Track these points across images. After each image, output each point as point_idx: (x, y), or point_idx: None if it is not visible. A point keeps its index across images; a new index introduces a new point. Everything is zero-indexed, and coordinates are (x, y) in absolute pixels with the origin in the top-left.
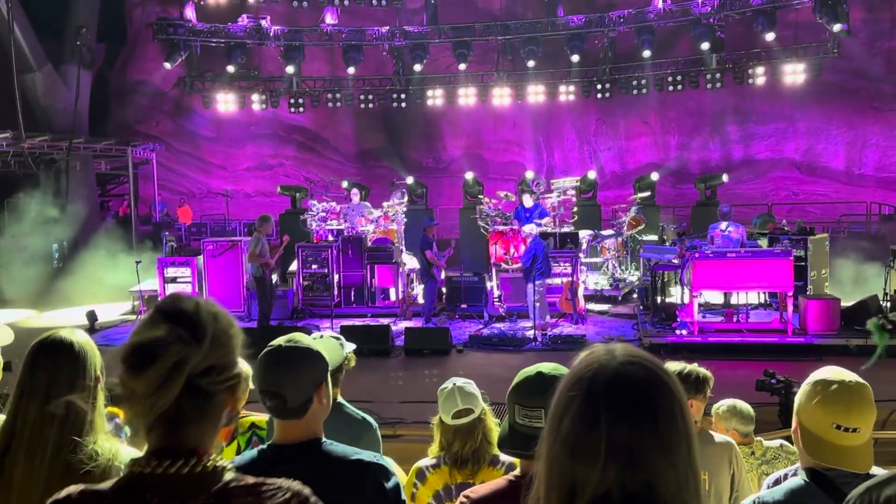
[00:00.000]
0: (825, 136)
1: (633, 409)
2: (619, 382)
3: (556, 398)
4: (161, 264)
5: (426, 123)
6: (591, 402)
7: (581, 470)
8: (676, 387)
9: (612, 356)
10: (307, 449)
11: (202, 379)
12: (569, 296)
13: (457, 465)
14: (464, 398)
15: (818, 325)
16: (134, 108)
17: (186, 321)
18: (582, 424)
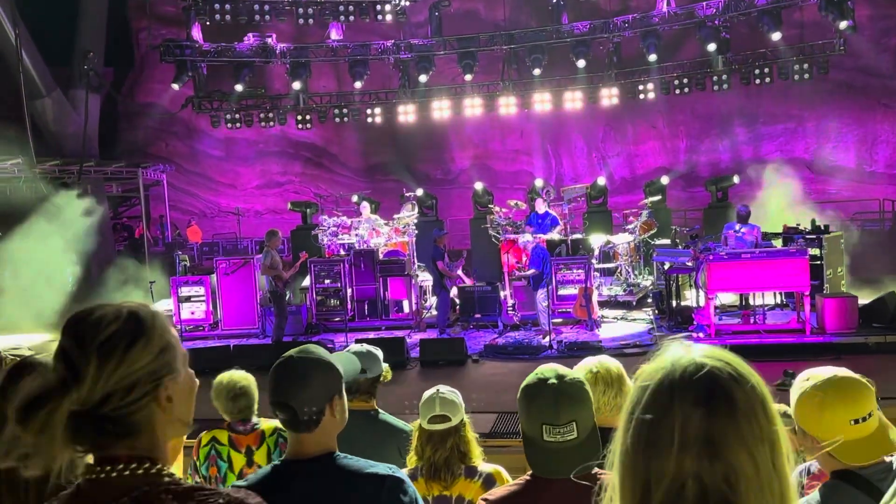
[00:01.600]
0: (835, 134)
1: (708, 396)
2: (695, 371)
3: (631, 394)
4: (175, 284)
5: (433, 135)
6: (663, 390)
7: (655, 463)
8: (761, 387)
9: (688, 350)
10: (321, 463)
11: (103, 408)
12: (583, 302)
13: (431, 476)
14: (443, 405)
15: (836, 323)
16: (143, 130)
17: (69, 355)
18: (654, 413)
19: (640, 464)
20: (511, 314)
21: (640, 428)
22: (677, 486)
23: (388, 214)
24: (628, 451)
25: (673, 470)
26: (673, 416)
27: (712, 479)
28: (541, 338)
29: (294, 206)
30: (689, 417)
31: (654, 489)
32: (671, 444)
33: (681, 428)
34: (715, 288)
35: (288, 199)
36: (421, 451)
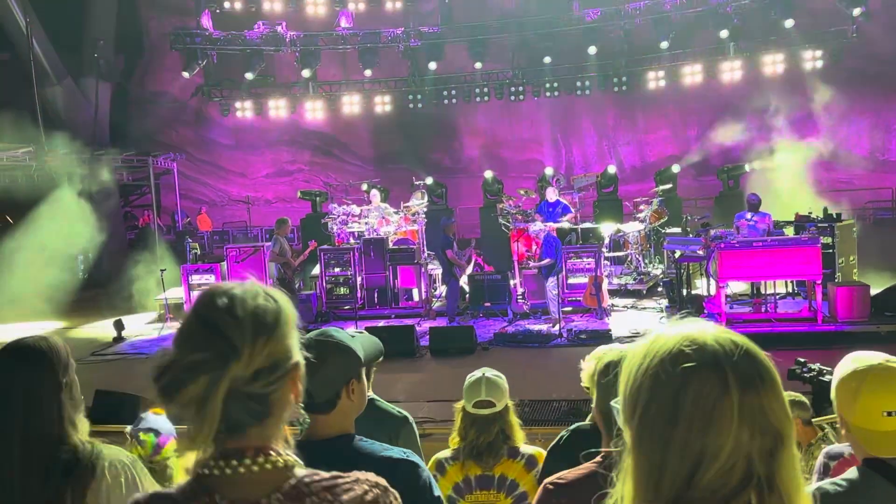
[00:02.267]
0: (847, 122)
1: (757, 372)
2: (735, 350)
3: (657, 381)
4: (185, 271)
5: (443, 124)
6: (713, 370)
7: (713, 440)
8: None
9: (703, 331)
10: (336, 445)
11: (252, 385)
12: (593, 291)
13: (473, 457)
14: (489, 390)
15: (848, 312)
16: (154, 118)
17: (223, 331)
18: (708, 393)
19: (694, 443)
20: (521, 303)
21: (695, 410)
22: (730, 463)
23: (397, 203)
24: (678, 434)
25: (731, 446)
26: (731, 395)
27: (760, 454)
28: (550, 326)
29: (304, 194)
30: (748, 393)
31: (706, 468)
32: (731, 422)
33: (740, 404)
34: (726, 276)
35: (298, 187)
36: (464, 434)
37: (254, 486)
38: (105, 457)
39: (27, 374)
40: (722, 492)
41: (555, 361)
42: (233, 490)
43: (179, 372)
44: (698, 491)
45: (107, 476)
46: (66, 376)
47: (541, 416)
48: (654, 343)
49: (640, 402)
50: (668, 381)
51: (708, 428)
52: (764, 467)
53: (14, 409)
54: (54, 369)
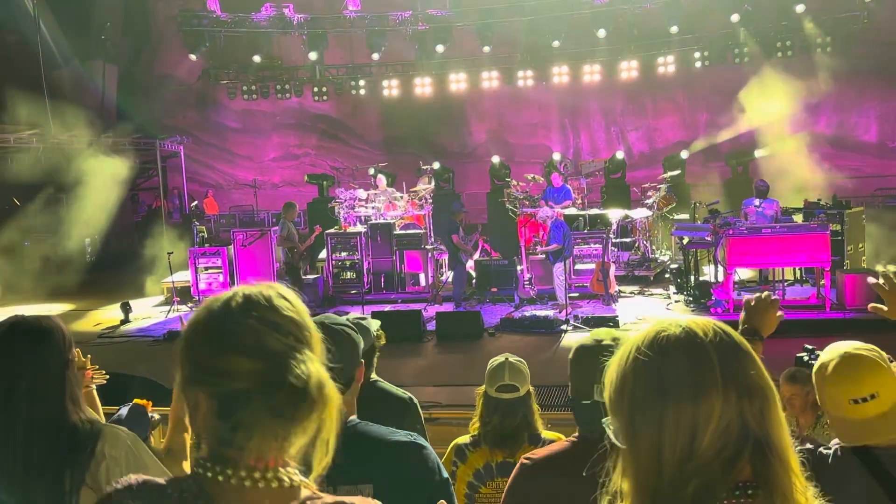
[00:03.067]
0: (857, 109)
1: (731, 340)
2: (713, 326)
3: (638, 365)
4: (192, 255)
5: (450, 108)
6: (690, 342)
7: (701, 407)
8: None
9: (673, 319)
10: (344, 429)
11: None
12: (600, 277)
13: (496, 444)
14: (512, 374)
15: (856, 299)
16: (160, 101)
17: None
18: (689, 363)
19: (685, 411)
20: (528, 288)
21: (680, 384)
22: (723, 424)
23: (404, 187)
24: (669, 409)
25: (720, 407)
26: (711, 360)
27: (751, 414)
28: (557, 312)
29: (311, 178)
30: (726, 359)
31: (703, 433)
32: (716, 383)
33: (721, 368)
34: (734, 263)
35: (304, 171)
36: (487, 419)
37: (255, 502)
38: (105, 436)
39: (33, 351)
40: (723, 454)
41: (561, 347)
42: (230, 501)
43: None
44: (700, 458)
45: (106, 455)
46: (70, 353)
47: (548, 401)
48: (629, 341)
49: (627, 390)
50: (649, 362)
51: (696, 395)
52: (757, 427)
53: (20, 387)
54: (60, 346)
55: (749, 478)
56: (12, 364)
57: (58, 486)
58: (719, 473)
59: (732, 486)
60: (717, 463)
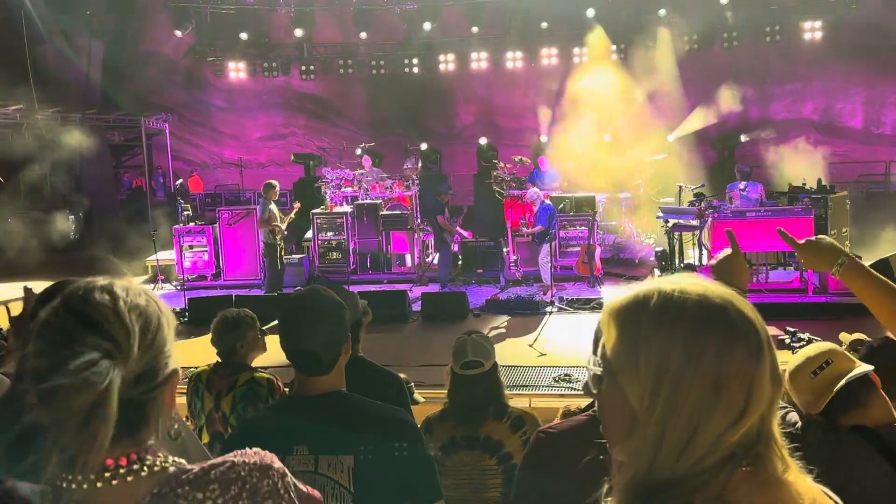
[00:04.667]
0: (843, 95)
1: (765, 329)
2: (749, 309)
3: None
4: (177, 233)
5: (439, 90)
6: (749, 334)
7: (753, 401)
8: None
9: (712, 292)
10: (329, 400)
11: (131, 392)
12: (585, 259)
13: (461, 418)
14: (475, 350)
15: (839, 283)
16: (146, 78)
17: (107, 330)
18: (749, 357)
19: (736, 404)
20: (513, 269)
21: (737, 370)
22: (758, 419)
23: (391, 168)
24: (719, 398)
25: (765, 403)
26: (763, 352)
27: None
28: (542, 293)
29: (297, 158)
30: (770, 349)
31: (741, 425)
32: (767, 378)
33: (770, 360)
34: (718, 246)
35: (291, 151)
36: (453, 395)
37: (128, 497)
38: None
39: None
40: (743, 446)
41: (546, 328)
42: (112, 499)
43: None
44: (721, 451)
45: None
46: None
47: (532, 381)
48: (666, 308)
49: (673, 369)
50: (707, 345)
51: (753, 385)
52: (769, 419)
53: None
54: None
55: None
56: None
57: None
58: (740, 444)
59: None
60: (731, 456)
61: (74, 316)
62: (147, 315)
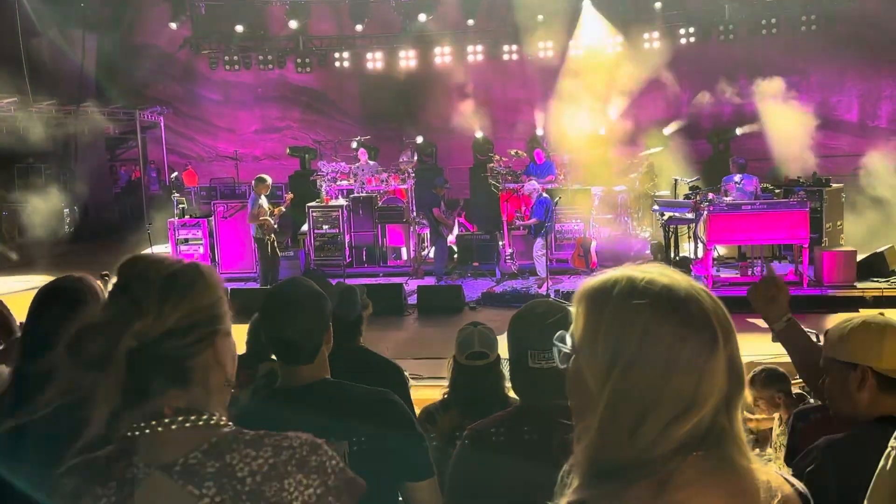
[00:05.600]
0: (839, 88)
1: (729, 322)
2: (710, 298)
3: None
4: (172, 226)
5: (434, 82)
6: (705, 323)
7: (703, 389)
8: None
9: (676, 281)
10: (315, 389)
11: (163, 346)
12: (581, 252)
13: (467, 409)
14: (481, 341)
15: (834, 276)
16: (141, 71)
17: (129, 290)
18: (703, 345)
19: (686, 390)
20: (509, 263)
21: (690, 357)
22: (711, 412)
23: (387, 161)
24: (668, 382)
25: (717, 395)
26: (717, 343)
27: (726, 402)
28: (538, 287)
29: (293, 151)
30: (727, 341)
31: (689, 417)
32: (721, 370)
33: (725, 352)
34: (714, 239)
35: (286, 144)
36: (457, 386)
37: (175, 446)
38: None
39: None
40: (695, 437)
41: None
42: (152, 451)
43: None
44: (670, 441)
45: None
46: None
47: None
48: (630, 294)
49: (626, 354)
50: (660, 334)
51: (702, 378)
52: (726, 415)
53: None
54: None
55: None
56: (49, 332)
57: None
58: (692, 435)
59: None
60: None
61: (115, 284)
62: (178, 277)
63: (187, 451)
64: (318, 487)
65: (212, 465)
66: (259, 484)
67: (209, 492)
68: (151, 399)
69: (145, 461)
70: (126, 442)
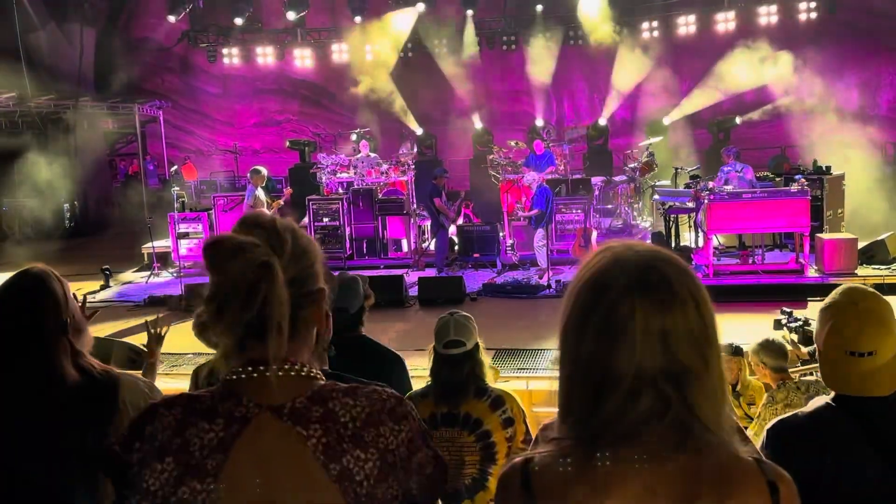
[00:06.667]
0: (838, 76)
1: (661, 290)
2: (644, 266)
3: (577, 289)
4: (172, 220)
5: (433, 73)
6: (619, 285)
7: (616, 363)
8: (701, 285)
9: (630, 249)
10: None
11: (286, 289)
12: (582, 242)
13: (442, 396)
14: (457, 330)
15: (835, 263)
16: (139, 65)
17: (267, 230)
18: (612, 315)
19: (597, 363)
20: (510, 254)
21: (600, 330)
22: (635, 392)
23: (386, 154)
24: (585, 355)
25: (633, 371)
26: (634, 319)
27: (667, 382)
28: (539, 277)
29: (292, 144)
30: (647, 312)
31: (609, 391)
32: (633, 345)
33: (642, 329)
34: (715, 228)
35: (286, 137)
36: (436, 373)
37: (281, 391)
38: (124, 384)
39: (35, 310)
40: (628, 418)
41: (543, 312)
42: (259, 394)
43: (235, 242)
44: (599, 420)
45: (128, 404)
46: (69, 309)
47: (529, 364)
48: (584, 261)
49: (562, 315)
50: (583, 295)
51: (611, 351)
52: (678, 395)
53: (22, 346)
54: (58, 303)
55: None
56: (14, 323)
57: (81, 444)
58: (671, 389)
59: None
60: (623, 427)
61: (244, 223)
62: (296, 233)
63: (293, 397)
64: (409, 432)
65: (317, 410)
66: (359, 429)
67: (316, 433)
68: (258, 343)
69: (255, 402)
70: (231, 384)
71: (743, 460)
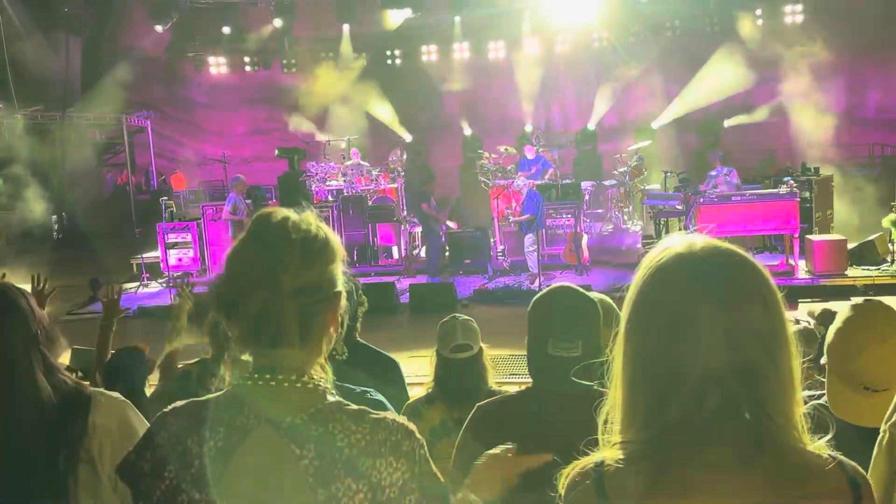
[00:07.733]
0: (825, 78)
1: (733, 287)
2: (716, 261)
3: (641, 287)
4: (161, 230)
5: (422, 80)
6: (685, 280)
7: (682, 365)
8: (772, 281)
9: (692, 246)
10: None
11: (293, 302)
12: (573, 247)
13: (453, 401)
14: (465, 333)
15: (825, 265)
16: (126, 75)
17: (273, 243)
18: (676, 313)
19: (662, 363)
20: (501, 259)
21: (664, 329)
22: (702, 391)
23: (376, 161)
24: (648, 349)
25: (699, 370)
26: (700, 315)
27: (735, 381)
28: (530, 282)
29: (281, 152)
30: (712, 309)
31: (674, 395)
32: (698, 339)
33: (707, 320)
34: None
35: (275, 145)
36: (443, 379)
37: (284, 404)
38: (96, 404)
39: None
40: (698, 419)
41: None
42: (262, 404)
43: (236, 289)
44: (668, 421)
45: (98, 427)
46: (36, 319)
47: (522, 370)
48: (650, 256)
49: (623, 315)
50: (645, 294)
51: (675, 345)
52: (747, 394)
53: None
54: (25, 315)
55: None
56: None
57: (52, 466)
58: (740, 387)
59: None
60: (734, 375)
61: (252, 237)
62: (314, 237)
63: (295, 412)
64: (406, 472)
65: (315, 430)
66: (354, 457)
67: (309, 454)
68: (268, 350)
69: (256, 413)
70: (238, 390)
71: (823, 459)
